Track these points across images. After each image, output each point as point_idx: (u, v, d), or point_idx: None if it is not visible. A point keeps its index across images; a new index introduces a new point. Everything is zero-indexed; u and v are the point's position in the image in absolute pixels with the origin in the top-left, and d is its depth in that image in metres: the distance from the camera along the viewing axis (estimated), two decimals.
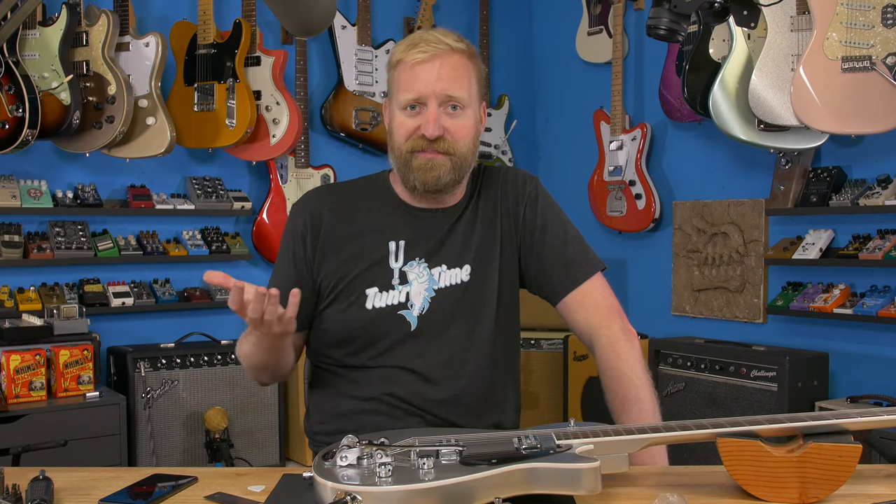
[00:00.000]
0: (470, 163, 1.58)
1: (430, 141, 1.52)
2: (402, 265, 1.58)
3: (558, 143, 4.52)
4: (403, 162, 1.55)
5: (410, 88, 1.52)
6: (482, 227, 1.63)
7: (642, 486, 1.30)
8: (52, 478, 1.23)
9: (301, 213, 1.64)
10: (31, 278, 3.31)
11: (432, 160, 1.53)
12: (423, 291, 1.57)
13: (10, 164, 3.28)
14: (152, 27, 3.47)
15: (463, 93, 1.53)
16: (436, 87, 1.51)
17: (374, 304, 1.57)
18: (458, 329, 1.58)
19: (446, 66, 1.52)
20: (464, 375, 1.57)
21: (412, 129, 1.53)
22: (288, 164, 3.80)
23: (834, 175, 3.15)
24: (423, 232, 1.61)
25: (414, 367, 1.55)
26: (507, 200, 1.65)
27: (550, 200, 1.70)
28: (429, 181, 1.54)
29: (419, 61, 1.52)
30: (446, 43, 1.53)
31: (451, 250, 1.60)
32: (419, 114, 1.53)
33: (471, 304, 1.59)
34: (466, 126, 1.55)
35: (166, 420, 3.23)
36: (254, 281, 1.37)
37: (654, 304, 3.87)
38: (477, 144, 1.60)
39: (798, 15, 2.94)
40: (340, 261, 1.59)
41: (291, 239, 1.64)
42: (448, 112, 1.53)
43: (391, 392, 1.55)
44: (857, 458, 1.20)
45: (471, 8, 4.43)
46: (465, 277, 1.59)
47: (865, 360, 3.12)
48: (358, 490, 1.09)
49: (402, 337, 1.56)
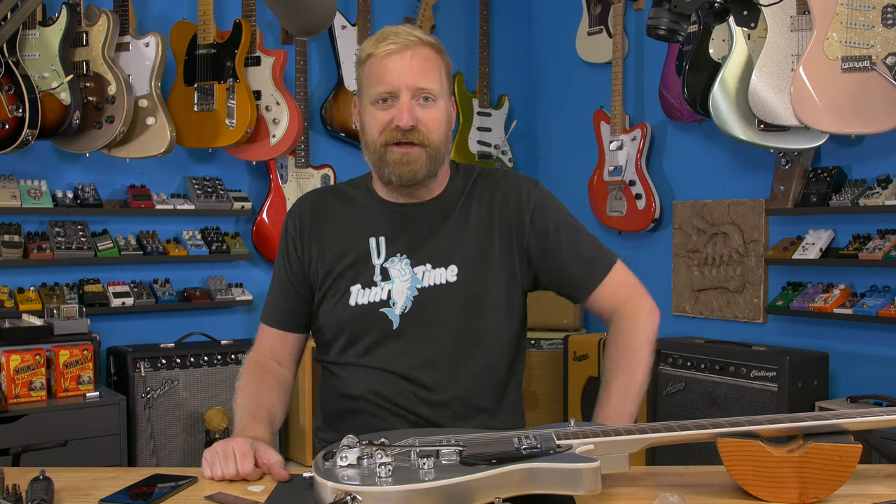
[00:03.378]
0: (444, 154, 1.57)
1: (404, 132, 1.50)
2: (383, 261, 1.58)
3: (558, 143, 4.52)
4: (378, 157, 1.54)
5: (382, 81, 1.51)
6: (474, 230, 1.60)
7: (642, 486, 1.30)
8: (52, 478, 1.23)
9: (290, 218, 1.68)
10: (31, 278, 3.32)
11: (407, 154, 1.51)
12: (405, 290, 1.56)
13: (10, 164, 3.28)
14: (152, 27, 3.47)
15: (434, 84, 1.53)
16: (408, 78, 1.50)
17: (356, 301, 1.57)
18: (442, 331, 1.56)
19: (417, 58, 1.52)
20: (448, 379, 1.55)
21: (385, 121, 1.52)
22: (288, 164, 3.80)
23: (834, 175, 3.15)
24: (403, 227, 1.60)
25: (396, 368, 1.55)
26: (508, 207, 1.62)
27: (556, 202, 1.68)
28: (405, 175, 1.53)
29: (390, 52, 1.51)
30: (416, 35, 1.53)
31: (435, 249, 1.58)
32: (391, 106, 1.51)
33: (458, 306, 1.56)
34: (439, 117, 1.54)
35: (166, 420, 3.23)
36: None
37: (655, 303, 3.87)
38: (450, 137, 1.59)
39: (798, 15, 2.94)
40: (327, 259, 1.61)
41: (284, 242, 1.67)
42: (420, 103, 1.52)
43: (376, 391, 1.55)
44: (857, 458, 1.20)
45: (471, 8, 4.43)
46: (451, 278, 1.56)
47: (865, 360, 3.12)
48: (358, 490, 1.09)
49: (384, 335, 1.56)
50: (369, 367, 1.56)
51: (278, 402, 1.62)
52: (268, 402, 1.59)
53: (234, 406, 1.59)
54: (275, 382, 1.64)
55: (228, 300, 3.64)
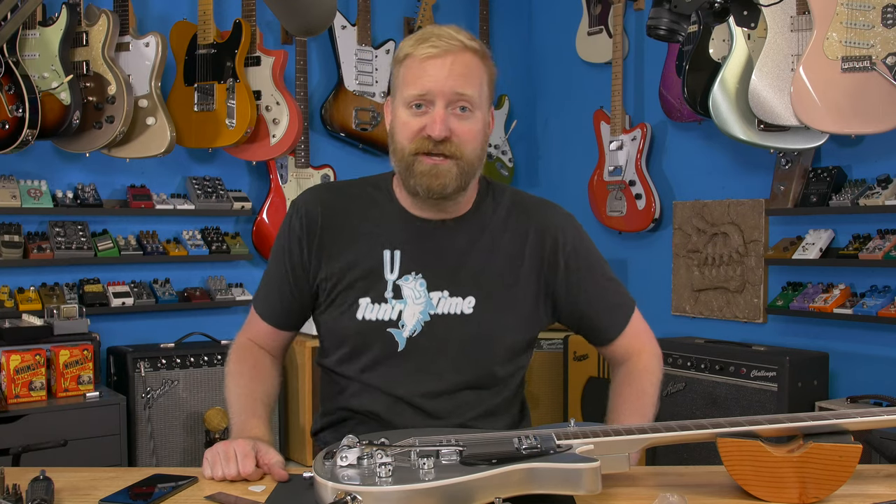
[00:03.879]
0: (477, 169, 1.48)
1: (436, 142, 1.41)
2: (396, 278, 1.50)
3: (558, 143, 4.52)
4: (406, 165, 1.45)
5: (417, 84, 1.42)
6: (501, 263, 1.52)
7: (642, 486, 1.30)
8: (52, 478, 1.23)
9: (297, 214, 1.57)
10: (31, 278, 3.31)
11: (437, 166, 1.42)
12: (417, 314, 1.48)
13: (10, 164, 3.28)
14: (152, 27, 3.47)
15: (474, 92, 1.43)
16: (445, 84, 1.40)
17: (364, 316, 1.49)
18: (448, 363, 1.49)
19: (458, 64, 1.42)
20: (451, 410, 1.50)
21: (417, 129, 1.42)
22: (288, 164, 3.80)
23: (834, 175, 3.15)
24: (423, 245, 1.51)
25: (397, 391, 1.50)
26: (543, 247, 1.54)
27: (588, 242, 1.61)
28: (434, 188, 1.43)
29: (429, 56, 1.41)
30: (459, 40, 1.43)
31: (455, 277, 1.50)
32: (425, 113, 1.42)
33: (469, 341, 1.49)
34: (475, 129, 1.44)
35: (166, 420, 3.23)
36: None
37: (654, 304, 3.87)
38: (485, 150, 1.49)
39: (798, 15, 2.94)
40: (337, 266, 1.52)
41: (287, 239, 1.58)
42: (456, 113, 1.42)
43: (373, 410, 1.51)
44: (857, 458, 1.20)
45: (471, 8, 4.43)
46: (466, 310, 1.49)
47: (865, 360, 3.12)
48: (358, 490, 1.09)
49: (388, 355, 1.49)
50: (368, 385, 1.52)
51: (272, 389, 1.60)
52: (262, 392, 1.56)
53: (226, 392, 1.55)
54: (265, 373, 1.60)
55: (228, 300, 3.64)
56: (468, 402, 1.51)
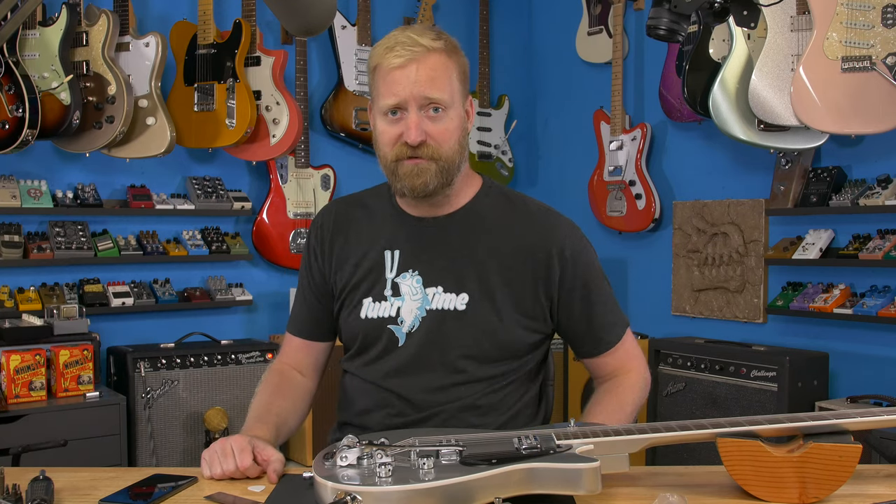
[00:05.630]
0: (458, 164, 1.52)
1: (413, 147, 1.47)
2: (395, 276, 1.56)
3: (558, 143, 4.52)
4: (391, 171, 1.52)
5: (389, 94, 1.48)
6: (499, 264, 1.55)
7: (642, 486, 1.30)
8: (52, 478, 1.23)
9: (313, 227, 1.69)
10: (31, 278, 3.31)
11: (417, 166, 1.48)
12: (414, 309, 1.54)
13: (10, 164, 3.28)
14: (152, 27, 3.47)
15: (443, 94, 1.48)
16: (414, 90, 1.46)
17: (366, 314, 1.57)
18: (444, 358, 1.53)
19: (423, 69, 1.46)
20: (445, 410, 1.52)
21: (395, 136, 1.49)
22: (288, 164, 3.80)
23: (834, 175, 3.15)
24: (418, 242, 1.57)
25: (398, 388, 1.54)
26: (545, 253, 1.56)
27: (590, 252, 1.62)
28: (417, 188, 1.50)
29: (395, 67, 1.47)
30: (422, 44, 1.47)
31: (449, 273, 1.54)
32: (401, 119, 1.48)
33: (464, 337, 1.52)
34: (450, 128, 1.50)
35: (166, 420, 3.23)
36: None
37: (654, 304, 3.87)
38: (464, 144, 1.54)
39: (798, 15, 2.94)
40: (346, 270, 1.61)
41: (306, 254, 1.69)
42: (430, 115, 1.48)
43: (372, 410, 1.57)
44: (857, 458, 1.20)
45: (471, 8, 4.43)
46: (459, 306, 1.52)
47: (865, 360, 3.12)
48: (358, 490, 1.09)
49: (389, 352, 1.55)
50: (373, 385, 1.57)
51: (292, 409, 1.62)
52: (278, 407, 1.59)
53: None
54: (290, 390, 1.64)
55: (228, 300, 3.64)
56: (461, 396, 1.53)
